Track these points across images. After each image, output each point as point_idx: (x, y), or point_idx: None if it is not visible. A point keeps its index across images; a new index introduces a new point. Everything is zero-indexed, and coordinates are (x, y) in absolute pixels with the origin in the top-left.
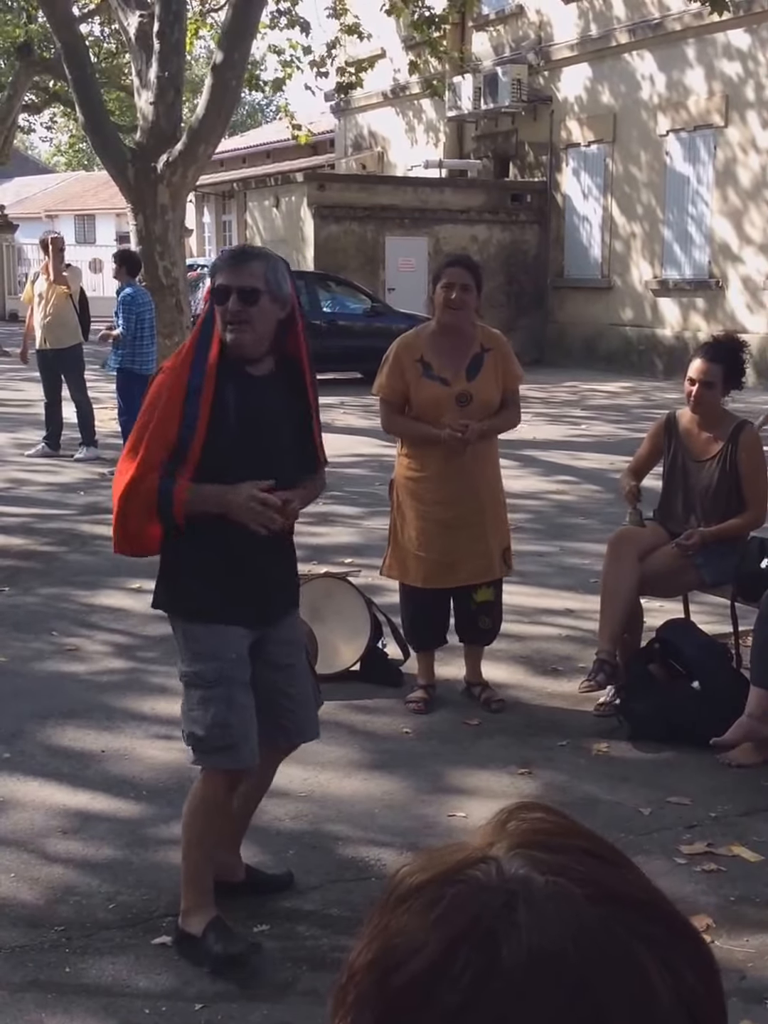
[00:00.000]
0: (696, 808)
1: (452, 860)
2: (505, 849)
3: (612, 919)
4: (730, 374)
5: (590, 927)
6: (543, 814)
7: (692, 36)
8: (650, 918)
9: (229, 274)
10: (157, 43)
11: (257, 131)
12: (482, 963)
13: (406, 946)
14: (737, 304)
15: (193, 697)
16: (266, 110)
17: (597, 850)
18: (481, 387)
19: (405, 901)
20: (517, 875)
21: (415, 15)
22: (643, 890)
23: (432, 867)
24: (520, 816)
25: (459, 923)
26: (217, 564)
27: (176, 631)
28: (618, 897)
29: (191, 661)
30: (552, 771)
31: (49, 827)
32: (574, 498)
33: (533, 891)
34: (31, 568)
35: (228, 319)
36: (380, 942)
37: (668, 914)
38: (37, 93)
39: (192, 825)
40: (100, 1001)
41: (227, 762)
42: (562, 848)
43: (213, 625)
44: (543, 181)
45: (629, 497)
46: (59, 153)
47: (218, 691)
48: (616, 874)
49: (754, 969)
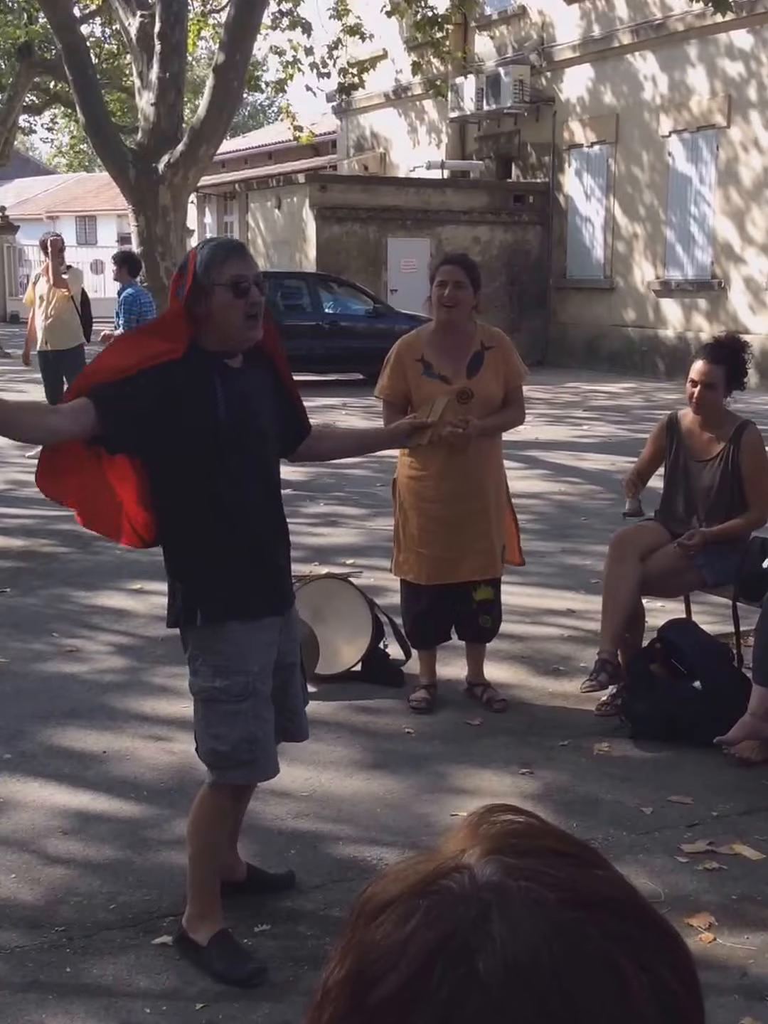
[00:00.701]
0: (697, 807)
1: (424, 870)
2: (477, 855)
3: (585, 922)
4: (732, 375)
5: (563, 932)
6: (513, 815)
7: (694, 36)
8: (624, 918)
9: (242, 264)
10: (158, 44)
11: (259, 132)
12: (458, 977)
13: (381, 961)
14: (739, 305)
15: (216, 713)
16: (268, 111)
17: (568, 850)
18: (482, 384)
19: (378, 914)
20: (490, 883)
21: (418, 15)
22: (617, 889)
23: (404, 878)
24: (490, 819)
25: (434, 936)
26: (239, 554)
27: (196, 646)
28: (591, 899)
29: (213, 676)
30: (554, 771)
31: (50, 828)
32: (576, 498)
33: (507, 899)
34: (32, 569)
35: (254, 312)
36: (354, 957)
37: (643, 913)
38: (38, 94)
39: (199, 834)
40: (101, 1001)
41: (250, 776)
42: (533, 851)
43: (246, 625)
44: (545, 182)
45: (629, 486)
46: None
47: (245, 705)
48: (588, 874)
49: (755, 966)
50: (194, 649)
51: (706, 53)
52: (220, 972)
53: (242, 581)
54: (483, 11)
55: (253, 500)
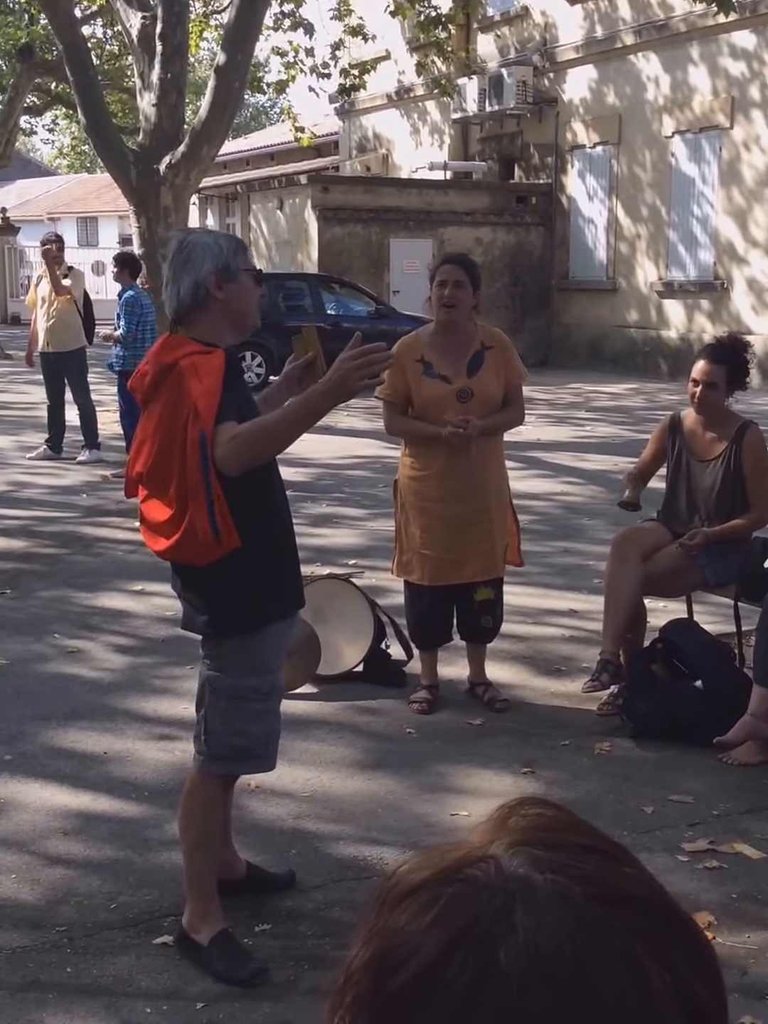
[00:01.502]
0: (698, 806)
1: (451, 858)
2: (505, 847)
3: (611, 918)
4: (734, 375)
5: (588, 927)
6: (543, 809)
7: (697, 37)
8: (650, 916)
9: (248, 258)
10: (159, 45)
11: (261, 133)
12: (479, 966)
13: (403, 947)
14: (742, 305)
15: (243, 710)
16: (270, 112)
17: (597, 846)
18: (482, 383)
19: (403, 900)
20: (516, 874)
21: (421, 16)
22: (644, 887)
23: (431, 865)
24: (520, 812)
25: (456, 925)
26: (285, 553)
27: (229, 645)
28: (618, 895)
29: (246, 675)
30: (555, 770)
31: (51, 828)
32: (578, 499)
33: (532, 891)
34: (33, 570)
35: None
36: (377, 942)
37: (669, 912)
38: (39, 95)
39: (192, 828)
40: (101, 1001)
41: (258, 768)
42: (561, 845)
43: (277, 625)
44: (548, 183)
45: (630, 478)
46: (61, 155)
47: (271, 703)
48: (616, 871)
49: (756, 965)
50: (226, 648)
51: (709, 53)
52: (221, 972)
53: (287, 580)
54: (486, 12)
55: (285, 497)
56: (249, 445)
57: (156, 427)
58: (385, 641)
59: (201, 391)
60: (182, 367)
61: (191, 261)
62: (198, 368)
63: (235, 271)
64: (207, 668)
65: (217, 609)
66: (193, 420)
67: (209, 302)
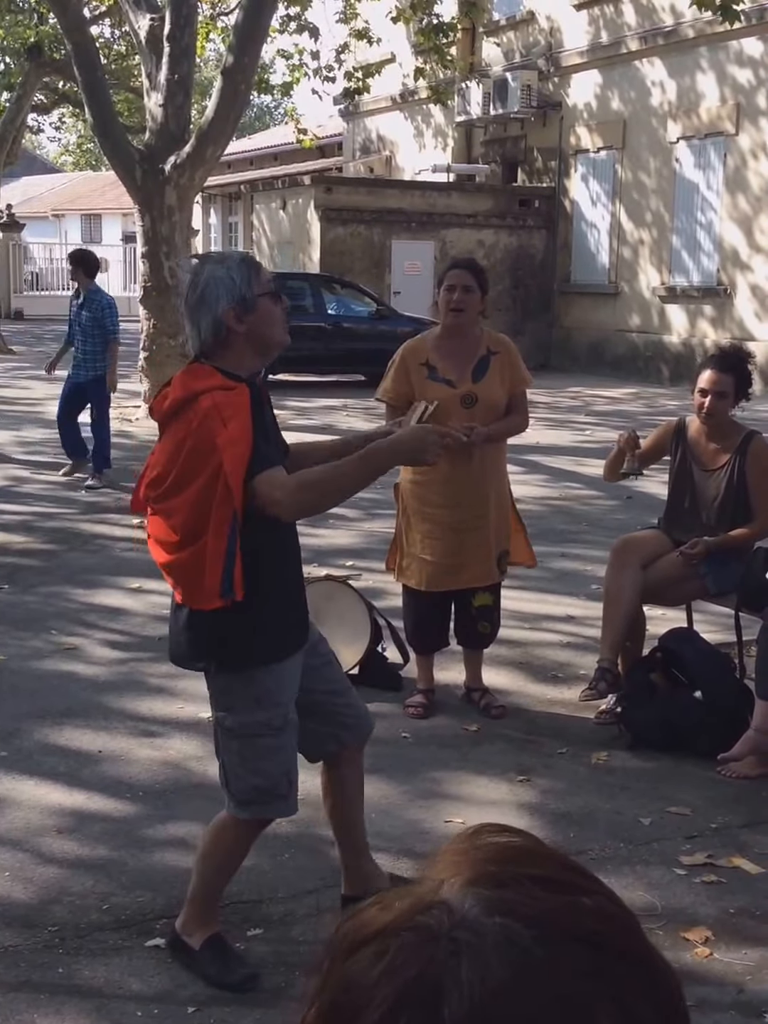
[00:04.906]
0: (696, 819)
1: (402, 907)
2: (456, 887)
3: (560, 960)
4: (740, 385)
5: (534, 973)
6: (499, 838)
7: (704, 43)
8: (605, 952)
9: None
10: (167, 46)
11: (265, 133)
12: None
13: (354, 1001)
14: (745, 312)
15: (256, 749)
16: (274, 113)
17: (552, 876)
18: (487, 389)
19: (355, 950)
20: (464, 920)
21: (423, 22)
22: (600, 920)
23: (382, 915)
24: (476, 842)
25: (402, 980)
26: (297, 585)
27: (232, 682)
28: (569, 933)
29: (254, 709)
30: (551, 779)
31: (44, 827)
32: (578, 504)
33: (479, 939)
34: (31, 566)
35: (286, 314)
36: (329, 995)
37: (627, 945)
38: (46, 93)
39: (215, 856)
40: (92, 1002)
41: (285, 811)
42: (512, 880)
43: (288, 660)
44: (551, 187)
45: (627, 443)
46: (67, 153)
47: (284, 738)
48: (570, 905)
49: (752, 982)
50: (231, 683)
51: (715, 60)
52: (212, 976)
53: (298, 613)
54: (491, 16)
55: (297, 542)
56: (314, 497)
57: (168, 458)
58: (382, 644)
59: (227, 440)
60: (203, 407)
61: (205, 301)
62: (222, 410)
63: (252, 300)
64: (215, 708)
65: (213, 643)
66: (220, 475)
67: (230, 336)
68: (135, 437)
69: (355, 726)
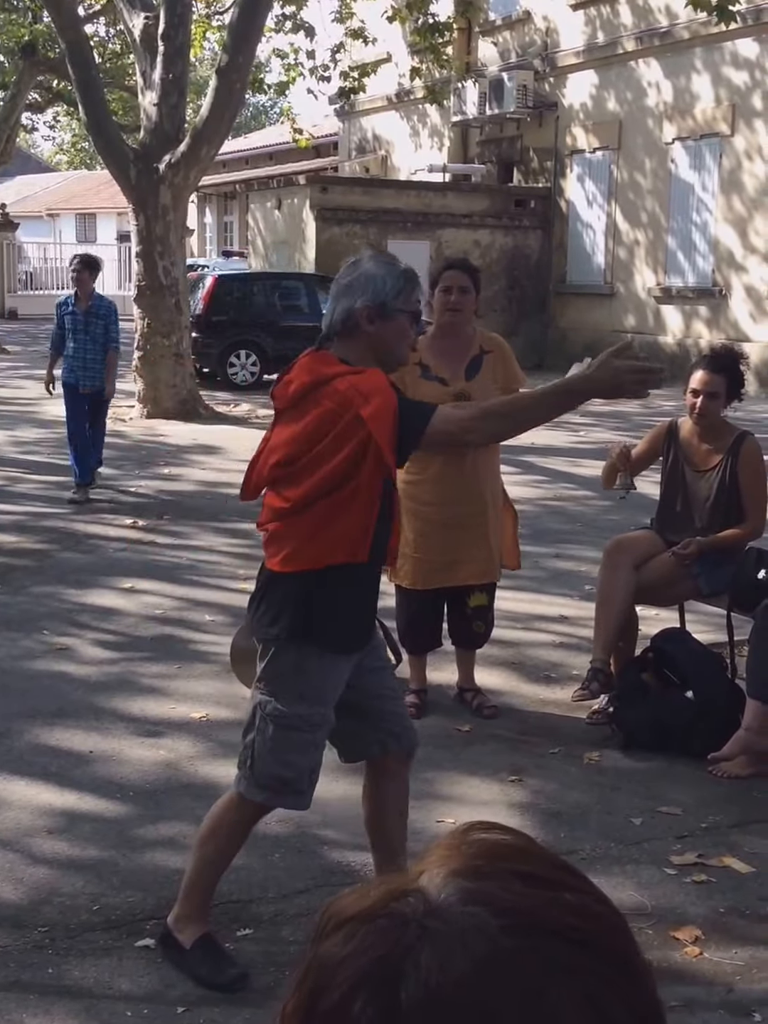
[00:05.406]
0: (687, 818)
1: (381, 892)
2: (440, 878)
3: (527, 951)
4: (732, 385)
5: (498, 961)
6: (489, 835)
7: (699, 44)
8: (577, 946)
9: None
10: (161, 45)
11: (260, 133)
12: (380, 1008)
13: (322, 980)
14: (740, 313)
15: (290, 740)
16: (270, 112)
17: (535, 872)
18: (479, 388)
19: (333, 933)
20: (439, 908)
21: (419, 22)
22: (578, 916)
23: (361, 900)
24: (467, 838)
25: (365, 962)
26: (370, 588)
27: (285, 668)
28: (539, 925)
29: (296, 702)
30: (543, 779)
31: (35, 827)
32: (572, 504)
33: (445, 926)
34: (23, 566)
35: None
36: (305, 972)
37: (603, 941)
38: (40, 92)
39: (211, 841)
40: (82, 1003)
41: (298, 804)
42: (495, 873)
43: (341, 657)
44: (547, 187)
45: (619, 457)
46: (61, 152)
47: (319, 736)
48: (548, 899)
49: (742, 982)
50: (280, 670)
51: (711, 61)
52: (202, 976)
53: (370, 615)
54: (487, 16)
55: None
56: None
57: (296, 439)
58: None
59: (372, 413)
60: (340, 388)
61: (351, 289)
62: (360, 387)
63: (391, 309)
64: (259, 692)
65: (290, 612)
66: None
67: (357, 332)
68: (129, 437)
69: (402, 735)
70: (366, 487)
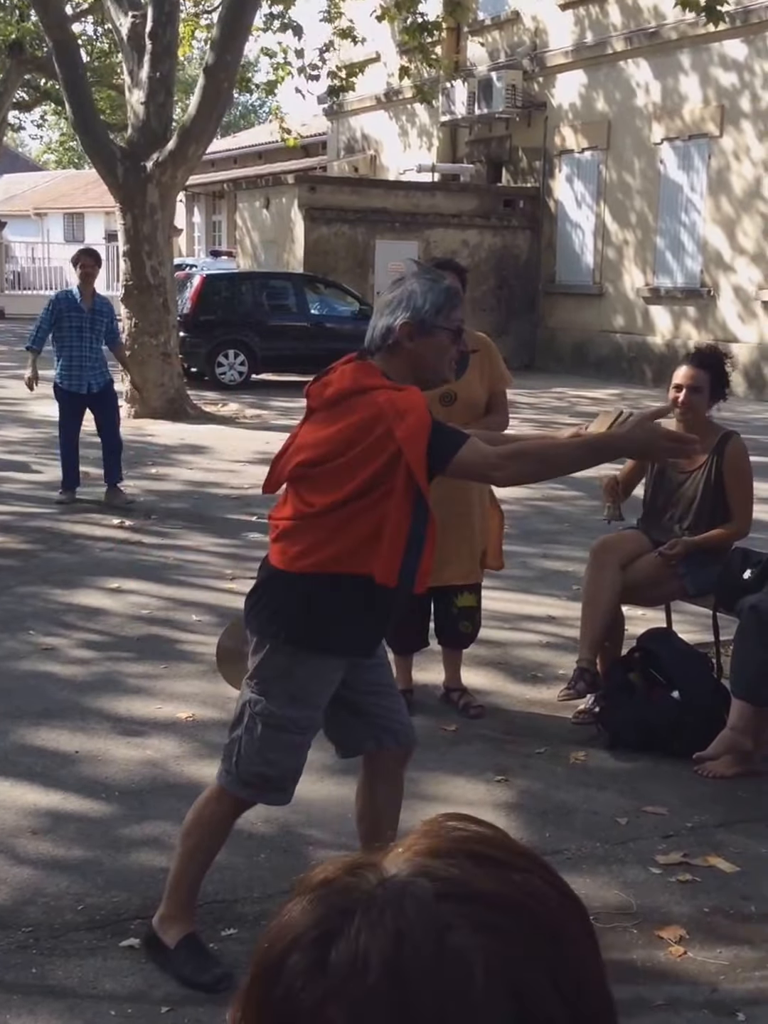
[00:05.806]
0: (673, 818)
1: (338, 866)
2: (401, 857)
3: (455, 914)
4: (716, 383)
5: (424, 926)
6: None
7: (688, 45)
8: (510, 916)
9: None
10: (149, 44)
11: (249, 132)
12: (311, 960)
13: (272, 942)
14: (728, 314)
15: (277, 740)
16: (259, 111)
17: (491, 854)
18: (466, 387)
19: (294, 900)
20: (389, 881)
21: (408, 21)
22: (516, 889)
23: (325, 871)
24: (439, 825)
25: (306, 921)
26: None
27: (278, 667)
28: (472, 894)
29: (287, 704)
30: (529, 779)
31: (19, 827)
32: (559, 505)
33: (383, 893)
34: (9, 566)
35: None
36: (265, 936)
37: (536, 915)
38: (28, 91)
39: (193, 835)
40: (66, 1003)
41: (278, 801)
42: (452, 852)
43: (332, 662)
44: (536, 187)
45: (609, 492)
46: (49, 151)
47: (307, 738)
48: (495, 875)
49: (726, 981)
50: (272, 669)
51: (700, 62)
52: (186, 976)
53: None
54: (476, 16)
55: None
56: (534, 465)
57: (325, 442)
58: None
59: (406, 433)
60: (379, 401)
61: (392, 305)
62: (397, 403)
63: (431, 326)
64: (250, 690)
65: (290, 613)
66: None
67: (397, 349)
68: None
69: (399, 732)
70: (391, 503)
